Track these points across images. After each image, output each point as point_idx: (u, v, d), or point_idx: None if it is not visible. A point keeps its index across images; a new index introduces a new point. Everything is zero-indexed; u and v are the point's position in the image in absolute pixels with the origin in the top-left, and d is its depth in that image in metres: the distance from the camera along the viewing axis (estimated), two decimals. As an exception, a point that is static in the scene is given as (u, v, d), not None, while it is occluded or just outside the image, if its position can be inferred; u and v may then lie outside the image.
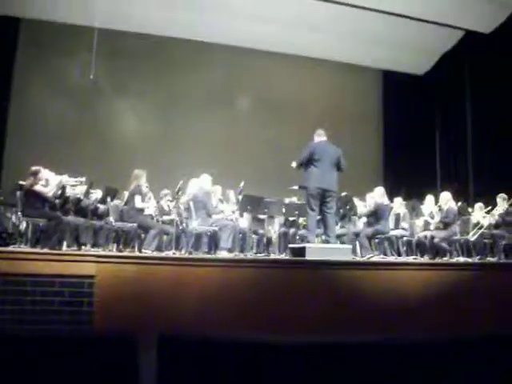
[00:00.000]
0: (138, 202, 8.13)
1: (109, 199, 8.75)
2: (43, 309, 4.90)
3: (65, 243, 7.54)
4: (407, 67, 14.07)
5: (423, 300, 6.06)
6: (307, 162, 7.26)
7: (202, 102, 13.03)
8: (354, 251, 8.24)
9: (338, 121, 13.10)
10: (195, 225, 8.26)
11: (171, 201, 9.16)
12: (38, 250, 6.70)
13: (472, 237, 8.91)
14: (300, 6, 11.43)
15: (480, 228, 9.05)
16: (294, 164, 7.44)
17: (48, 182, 7.60)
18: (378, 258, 8.45)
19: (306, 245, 6.96)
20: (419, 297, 6.10)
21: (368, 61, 13.91)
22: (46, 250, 6.38)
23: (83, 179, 8.38)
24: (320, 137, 7.53)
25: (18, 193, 7.58)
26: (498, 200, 9.24)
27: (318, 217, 7.40)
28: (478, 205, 9.66)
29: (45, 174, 7.58)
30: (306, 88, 13.76)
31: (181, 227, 8.67)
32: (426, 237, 8.80)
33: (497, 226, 9.11)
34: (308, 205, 7.29)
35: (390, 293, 6.09)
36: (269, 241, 9.55)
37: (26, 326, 4.67)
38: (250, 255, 8.56)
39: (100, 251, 7.59)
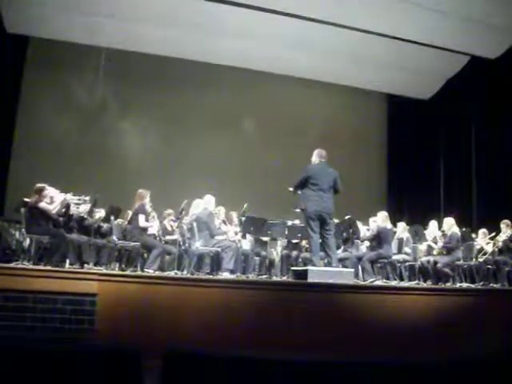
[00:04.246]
0: (141, 221, 8.14)
1: (112, 218, 8.76)
2: (44, 326, 4.90)
3: (67, 261, 7.54)
4: (412, 91, 14.12)
5: (425, 325, 6.03)
6: (304, 185, 7.26)
7: (207, 123, 13.11)
8: (356, 275, 8.21)
9: (342, 144, 13.16)
10: (198, 245, 8.25)
11: (174, 221, 9.17)
12: (40, 267, 6.70)
13: (477, 260, 8.91)
14: (305, 29, 11.52)
15: (484, 254, 9.02)
16: (290, 188, 7.46)
17: (53, 199, 7.62)
18: (380, 282, 8.42)
19: (309, 268, 6.94)
20: (421, 321, 6.07)
21: (373, 85, 13.98)
22: (48, 268, 6.39)
23: (87, 198, 8.41)
24: (319, 158, 7.46)
25: (23, 209, 7.60)
26: (502, 226, 9.20)
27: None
28: (482, 231, 9.63)
29: (49, 191, 7.61)
30: (310, 111, 13.83)
31: (183, 247, 8.67)
32: (428, 262, 8.77)
33: (500, 252, 9.08)
34: (309, 227, 7.25)
35: (392, 317, 6.07)
36: (271, 263, 9.53)
37: (27, 342, 4.66)
38: (252, 277, 8.54)
39: (102, 270, 7.58)
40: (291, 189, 7.44)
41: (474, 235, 9.76)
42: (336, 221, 8.51)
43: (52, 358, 1.94)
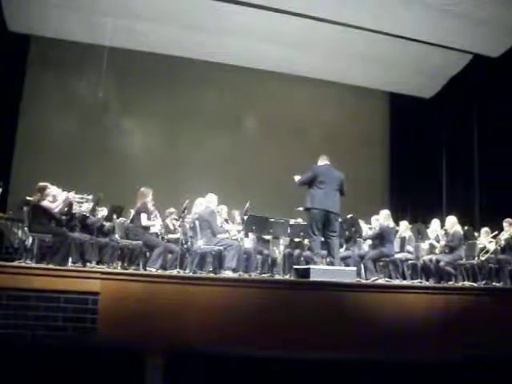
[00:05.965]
0: (143, 219, 8.15)
1: (115, 217, 8.77)
2: (47, 324, 4.90)
3: (70, 260, 7.54)
4: (415, 90, 14.10)
5: (427, 323, 6.03)
6: (310, 184, 7.26)
7: (210, 122, 13.10)
8: (358, 274, 8.20)
9: (344, 143, 13.17)
10: (200, 244, 8.25)
11: (177, 219, 9.17)
12: (43, 265, 6.71)
13: (479, 259, 8.90)
14: (308, 28, 11.52)
15: (486, 253, 9.01)
16: (296, 178, 7.45)
17: (55, 198, 7.62)
18: (382, 280, 8.42)
19: (311, 266, 6.94)
20: (423, 320, 6.07)
21: (375, 83, 13.97)
22: (51, 266, 6.39)
23: (89, 196, 8.42)
24: (323, 161, 7.52)
25: (25, 208, 7.61)
26: (505, 225, 9.19)
27: (322, 239, 7.36)
28: (484, 229, 9.62)
29: (52, 190, 7.61)
30: (312, 110, 13.81)
31: (185, 246, 8.67)
32: (431, 260, 8.76)
33: (503, 250, 9.06)
34: (310, 228, 7.25)
35: (394, 315, 6.07)
36: (273, 261, 9.52)
37: (30, 341, 4.67)
38: (254, 275, 8.53)
39: (105, 268, 7.59)
40: (296, 179, 7.43)
41: (476, 234, 9.76)
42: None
43: (54, 357, 1.94)
